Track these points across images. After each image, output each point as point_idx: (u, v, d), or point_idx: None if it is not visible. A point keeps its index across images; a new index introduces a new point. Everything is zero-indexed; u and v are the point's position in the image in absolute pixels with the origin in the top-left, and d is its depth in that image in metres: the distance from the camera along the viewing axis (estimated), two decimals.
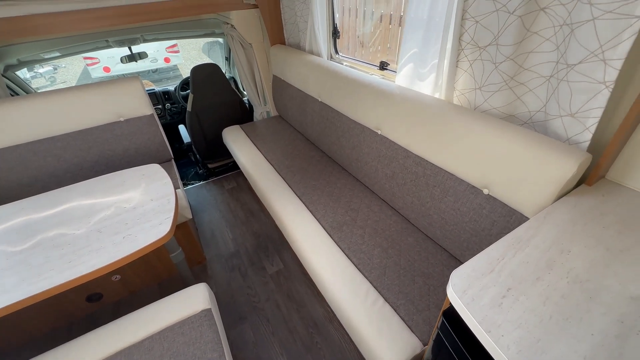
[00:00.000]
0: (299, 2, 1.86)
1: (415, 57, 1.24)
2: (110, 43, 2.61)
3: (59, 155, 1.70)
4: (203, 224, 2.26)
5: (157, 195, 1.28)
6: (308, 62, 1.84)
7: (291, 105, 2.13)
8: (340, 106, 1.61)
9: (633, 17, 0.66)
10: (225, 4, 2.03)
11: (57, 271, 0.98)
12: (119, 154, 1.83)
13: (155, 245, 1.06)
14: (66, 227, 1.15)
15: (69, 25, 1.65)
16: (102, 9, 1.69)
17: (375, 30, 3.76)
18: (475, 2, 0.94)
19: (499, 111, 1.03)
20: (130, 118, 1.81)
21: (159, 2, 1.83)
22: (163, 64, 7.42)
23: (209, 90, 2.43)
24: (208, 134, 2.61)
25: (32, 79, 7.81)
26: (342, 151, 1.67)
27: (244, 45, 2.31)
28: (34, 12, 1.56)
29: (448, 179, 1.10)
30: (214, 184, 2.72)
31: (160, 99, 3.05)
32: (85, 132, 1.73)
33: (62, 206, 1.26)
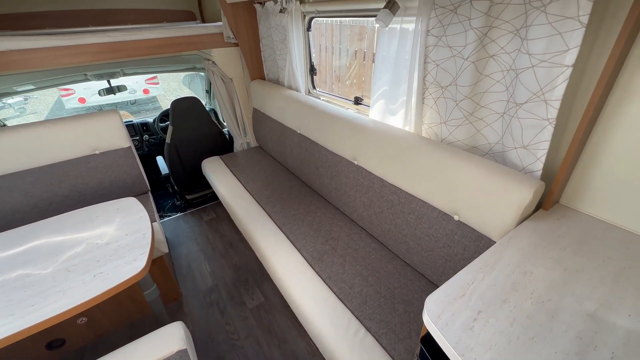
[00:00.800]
0: (278, 42, 1.98)
1: (385, 94, 1.35)
2: (88, 76, 2.61)
3: (27, 191, 1.62)
4: (180, 258, 2.18)
5: (132, 229, 1.25)
6: (287, 96, 1.92)
7: (271, 137, 2.19)
8: (318, 138, 1.68)
9: (563, 66, 0.77)
10: (208, 42, 2.12)
11: (18, 316, 0.91)
12: (92, 187, 1.78)
13: (128, 283, 1.02)
14: (31, 266, 1.09)
15: (47, 61, 1.66)
16: (83, 45, 1.72)
17: (351, 66, 4.02)
18: (435, 49, 1.06)
19: (463, 143, 1.12)
20: (106, 151, 1.79)
21: (142, 39, 1.89)
22: (142, 95, 7.41)
23: (189, 123, 2.45)
24: (187, 165, 2.60)
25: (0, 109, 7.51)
26: (321, 180, 1.72)
27: (225, 80, 2.39)
28: (11, 48, 1.57)
29: (421, 206, 1.16)
30: (192, 216, 2.66)
31: (138, 131, 3.03)
32: (56, 165, 1.68)
33: (28, 244, 1.20)
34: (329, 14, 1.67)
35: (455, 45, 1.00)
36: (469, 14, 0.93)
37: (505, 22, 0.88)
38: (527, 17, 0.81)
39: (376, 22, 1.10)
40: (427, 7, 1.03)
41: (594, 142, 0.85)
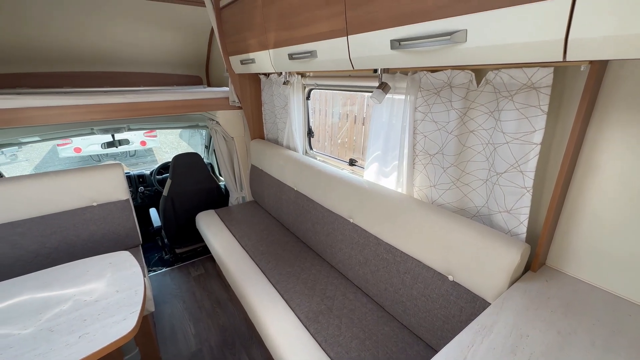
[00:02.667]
0: (279, 107, 2.18)
1: (379, 158, 1.47)
2: (94, 131, 2.73)
3: (14, 242, 1.58)
4: (163, 318, 2.05)
5: (124, 286, 1.21)
6: (285, 155, 2.05)
7: (268, 192, 2.26)
8: (314, 195, 1.76)
9: (533, 144, 0.90)
10: (215, 105, 2.31)
11: None
12: (83, 239, 1.75)
13: (116, 345, 0.96)
14: (11, 326, 1.02)
15: (64, 117, 1.76)
16: (99, 105, 1.85)
17: (342, 127, 4.33)
18: (422, 122, 1.21)
19: (452, 205, 1.21)
20: (104, 203, 1.80)
21: (156, 101, 2.05)
22: (139, 146, 7.59)
23: (187, 177, 2.52)
24: (181, 218, 2.59)
25: None
26: (317, 237, 1.74)
27: (226, 138, 2.54)
28: (31, 105, 1.68)
29: (416, 265, 1.19)
30: (179, 271, 2.56)
31: (134, 182, 3.07)
32: (50, 216, 1.67)
33: (9, 301, 1.14)
34: (327, 87, 1.88)
35: (440, 121, 1.15)
36: (450, 97, 1.09)
37: (481, 104, 1.03)
38: (498, 103, 0.97)
39: (370, 99, 1.26)
40: (414, 89, 1.20)
41: (569, 208, 0.94)
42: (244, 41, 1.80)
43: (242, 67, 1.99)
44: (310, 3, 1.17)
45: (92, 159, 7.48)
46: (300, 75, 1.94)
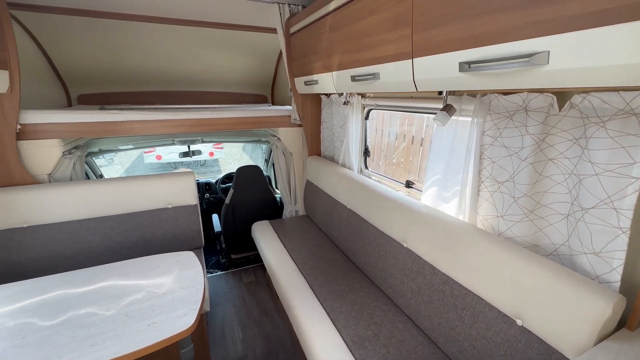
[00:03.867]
0: (337, 126, 2.24)
1: (438, 182, 1.40)
2: (174, 141, 3.12)
3: (106, 234, 1.86)
4: (215, 319, 2.17)
5: (188, 283, 1.33)
6: (340, 173, 2.07)
7: (320, 208, 2.29)
8: (367, 215, 1.73)
9: (631, 178, 0.77)
10: (278, 122, 2.47)
11: (78, 354, 0.97)
12: (157, 237, 1.97)
13: (177, 337, 1.05)
14: (97, 306, 1.19)
15: (153, 129, 2.06)
16: (182, 120, 2.12)
17: (398, 146, 4.23)
18: (491, 147, 1.13)
19: (523, 240, 1.08)
20: (177, 206, 2.02)
21: (224, 117, 2.28)
22: (207, 157, 8.40)
23: (248, 188, 2.70)
24: (239, 225, 2.77)
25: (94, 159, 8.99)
26: (367, 259, 1.70)
27: (285, 154, 2.68)
28: (131, 119, 2.00)
29: (477, 302, 1.08)
30: (232, 276, 2.71)
31: (201, 189, 3.39)
32: (134, 214, 1.92)
33: (99, 284, 1.32)
34: (387, 108, 1.88)
35: (512, 146, 1.06)
36: (525, 121, 1.00)
37: (564, 130, 0.93)
38: (585, 130, 0.86)
39: (434, 121, 1.23)
40: (482, 112, 1.13)
41: None
42: (309, 64, 1.91)
43: (306, 88, 2.10)
44: (377, 27, 1.21)
45: (170, 165, 8.48)
46: (361, 96, 1.98)
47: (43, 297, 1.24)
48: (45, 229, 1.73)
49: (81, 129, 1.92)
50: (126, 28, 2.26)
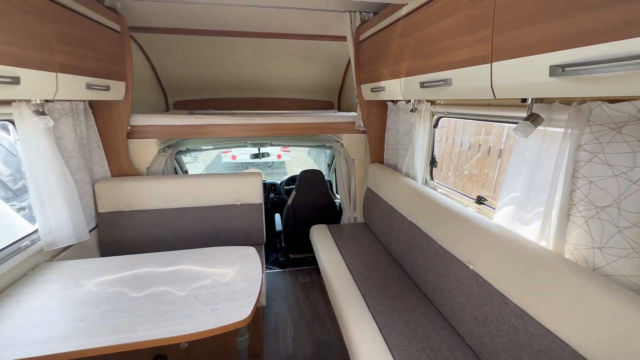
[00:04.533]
0: (402, 134, 2.16)
1: (517, 200, 1.24)
2: (247, 143, 3.41)
3: (186, 223, 2.11)
4: (270, 314, 2.28)
5: (247, 277, 1.42)
6: (403, 183, 1.99)
7: (379, 217, 2.23)
8: (430, 230, 1.62)
9: None
10: (341, 129, 2.50)
11: (154, 325, 1.12)
12: (225, 230, 2.16)
13: (234, 326, 1.13)
14: (173, 286, 1.35)
15: (230, 132, 2.28)
16: (254, 124, 2.31)
17: (472, 157, 3.85)
18: (588, 165, 0.95)
19: (630, 280, 0.88)
20: (244, 203, 2.19)
21: (292, 123, 2.40)
22: (275, 159, 8.94)
23: (310, 191, 2.79)
24: (299, 227, 2.87)
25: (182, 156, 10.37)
26: (427, 276, 1.59)
27: (347, 160, 2.68)
28: (213, 122, 2.25)
29: (561, 348, 0.91)
30: (289, 274, 2.82)
31: (267, 189, 3.62)
32: (210, 208, 2.15)
33: (176, 266, 1.51)
34: (459, 116, 1.74)
35: (618, 165, 0.88)
36: None
37: None
38: None
39: (514, 132, 1.09)
40: (579, 122, 0.96)
41: None
42: (376, 70, 1.89)
43: (372, 95, 2.08)
44: (451, 30, 1.13)
45: (242, 165, 9.28)
46: (430, 103, 1.87)
47: (135, 272, 1.47)
48: (142, 214, 2.05)
49: (174, 131, 2.23)
50: (216, 43, 2.57)
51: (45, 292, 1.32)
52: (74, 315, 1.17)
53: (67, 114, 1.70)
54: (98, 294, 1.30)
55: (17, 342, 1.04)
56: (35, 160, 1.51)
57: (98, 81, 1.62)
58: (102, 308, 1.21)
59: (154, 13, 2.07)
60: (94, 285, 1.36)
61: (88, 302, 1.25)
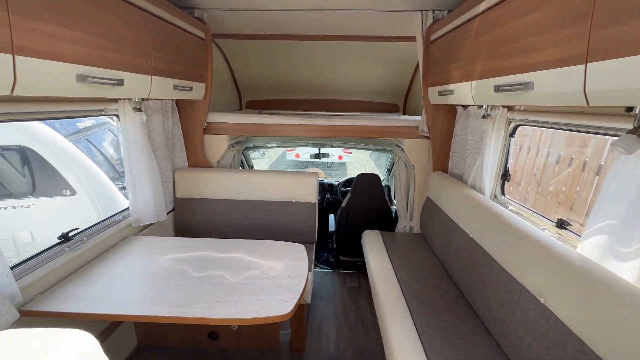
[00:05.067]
0: (471, 142, 1.97)
1: (612, 230, 1.02)
2: (308, 143, 3.51)
3: (245, 214, 2.27)
4: (316, 312, 2.31)
5: (294, 273, 1.46)
6: (467, 195, 1.81)
7: (438, 230, 2.08)
8: (494, 251, 1.44)
9: None
10: (403, 133, 2.40)
11: (207, 305, 1.23)
12: (280, 225, 2.26)
13: (275, 319, 1.18)
14: (228, 271, 1.47)
15: (292, 132, 2.38)
16: (316, 125, 2.37)
17: (560, 172, 3.31)
18: None
19: None
20: (299, 201, 2.26)
21: (353, 125, 2.38)
22: (336, 159, 9.03)
23: (365, 195, 2.74)
24: (351, 230, 2.85)
25: (252, 152, 11.20)
26: (485, 302, 1.42)
27: (407, 166, 2.56)
28: (277, 122, 2.38)
29: None
30: (338, 276, 2.82)
31: (324, 189, 3.67)
32: (267, 202, 2.27)
33: (232, 254, 1.63)
34: (542, 125, 1.51)
35: None
36: None
37: None
38: None
39: (613, 147, 0.90)
40: None
41: None
42: (446, 72, 1.76)
43: (439, 98, 1.94)
44: (537, 27, 0.99)
45: (302, 164, 9.61)
46: (507, 109, 1.67)
47: (198, 254, 1.63)
48: (209, 201, 2.28)
49: (243, 128, 2.41)
50: (289, 46, 2.70)
51: (129, 261, 1.56)
52: (146, 285, 1.36)
53: (158, 111, 1.98)
54: (166, 269, 1.48)
55: (102, 299, 1.25)
56: (132, 149, 1.79)
57: (183, 83, 1.84)
58: (168, 282, 1.38)
59: (236, 21, 2.27)
60: (164, 261, 1.55)
61: (158, 275, 1.43)
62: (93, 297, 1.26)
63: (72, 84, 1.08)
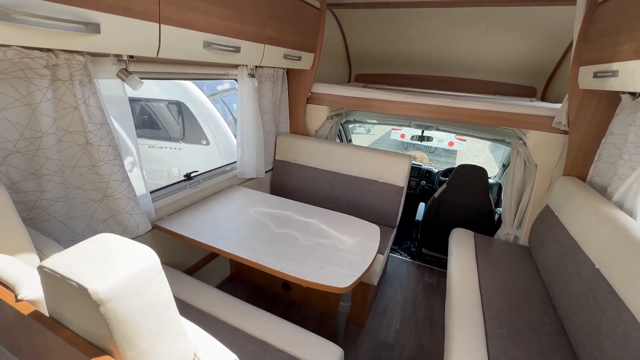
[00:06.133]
0: (633, 145, 1.44)
1: None
2: (411, 124, 3.26)
3: (332, 185, 2.34)
4: (384, 296, 2.28)
5: (361, 252, 1.46)
6: (607, 214, 1.37)
7: (551, 248, 1.68)
8: (626, 295, 1.07)
9: None
10: (530, 123, 1.95)
11: (277, 258, 1.36)
12: (362, 202, 2.25)
13: (330, 289, 1.21)
14: (301, 234, 1.57)
15: (394, 109, 2.25)
16: (421, 105, 2.16)
17: None
18: None
19: None
20: (386, 182, 2.18)
21: (465, 108, 2.07)
22: (446, 146, 8.17)
23: (464, 189, 2.42)
24: (440, 224, 2.60)
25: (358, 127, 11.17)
26: (598, 355, 1.10)
27: (527, 164, 2.10)
28: (379, 97, 2.28)
29: None
30: (416, 268, 2.66)
31: (420, 175, 3.41)
32: (354, 178, 2.27)
33: (311, 220, 1.73)
34: None
35: None
36: None
37: None
38: None
39: None
40: None
41: None
42: (611, 47, 1.30)
43: (593, 82, 1.47)
44: None
45: (403, 145, 9.07)
46: None
47: (281, 212, 1.80)
48: (302, 168, 2.44)
49: (344, 101, 2.41)
50: (408, 16, 2.47)
51: (228, 206, 1.84)
52: (236, 228, 1.59)
53: (269, 78, 2.17)
54: (253, 219, 1.70)
55: (205, 231, 1.54)
56: (244, 111, 2.04)
57: (293, 52, 1.94)
58: (251, 230, 1.59)
59: None
60: (253, 212, 1.78)
61: (245, 222, 1.66)
62: (199, 228, 1.57)
63: (200, 50, 1.28)
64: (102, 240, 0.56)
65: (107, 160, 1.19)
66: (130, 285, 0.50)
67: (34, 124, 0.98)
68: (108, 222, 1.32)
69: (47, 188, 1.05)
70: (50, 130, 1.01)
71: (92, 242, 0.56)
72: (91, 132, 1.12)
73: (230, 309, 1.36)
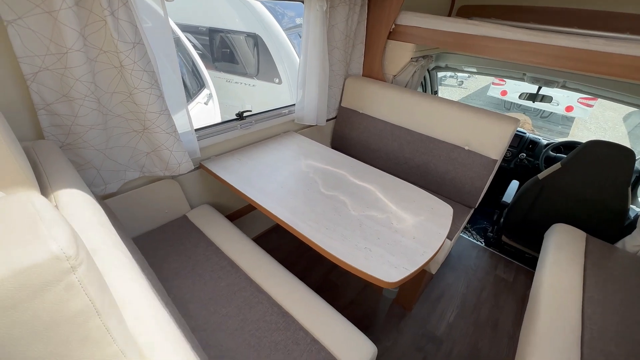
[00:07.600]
0: None
1: None
2: (525, 77, 2.48)
3: (402, 145, 1.95)
4: (440, 281, 1.97)
5: (423, 238, 1.14)
6: None
7: None
8: None
9: None
10: None
11: (317, 225, 1.15)
12: (437, 172, 1.83)
13: (373, 280, 0.97)
14: (352, 200, 1.31)
15: (506, 53, 1.64)
16: (548, 46, 1.51)
17: None
18: None
19: None
20: (473, 151, 1.70)
21: (619, 54, 1.37)
22: (562, 111, 6.51)
23: (588, 175, 1.76)
24: (534, 212, 2.03)
25: (449, 77, 9.63)
26: None
27: None
28: (484, 34, 1.67)
29: None
30: (489, 256, 2.23)
31: (521, 145, 2.70)
32: (432, 140, 1.83)
33: (367, 184, 1.44)
34: None
35: None
36: None
37: None
38: None
39: None
40: None
41: None
42: None
43: None
44: None
45: (504, 106, 7.50)
46: None
47: (334, 170, 1.54)
48: (370, 119, 2.07)
49: (438, 38, 1.84)
50: None
51: (279, 154, 1.66)
52: (281, 181, 1.41)
53: (345, 2, 1.74)
54: (302, 173, 1.48)
55: (248, 180, 1.40)
56: (309, 43, 1.71)
57: None
58: (297, 186, 1.38)
59: None
60: (304, 165, 1.56)
61: (293, 176, 1.46)
62: (243, 176, 1.43)
63: None
64: (18, 203, 0.39)
65: (141, 87, 1.05)
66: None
67: (57, 36, 0.86)
68: (150, 156, 1.26)
69: (80, 113, 0.97)
70: (76, 46, 0.88)
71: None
72: (122, 53, 0.97)
73: (261, 268, 1.25)
